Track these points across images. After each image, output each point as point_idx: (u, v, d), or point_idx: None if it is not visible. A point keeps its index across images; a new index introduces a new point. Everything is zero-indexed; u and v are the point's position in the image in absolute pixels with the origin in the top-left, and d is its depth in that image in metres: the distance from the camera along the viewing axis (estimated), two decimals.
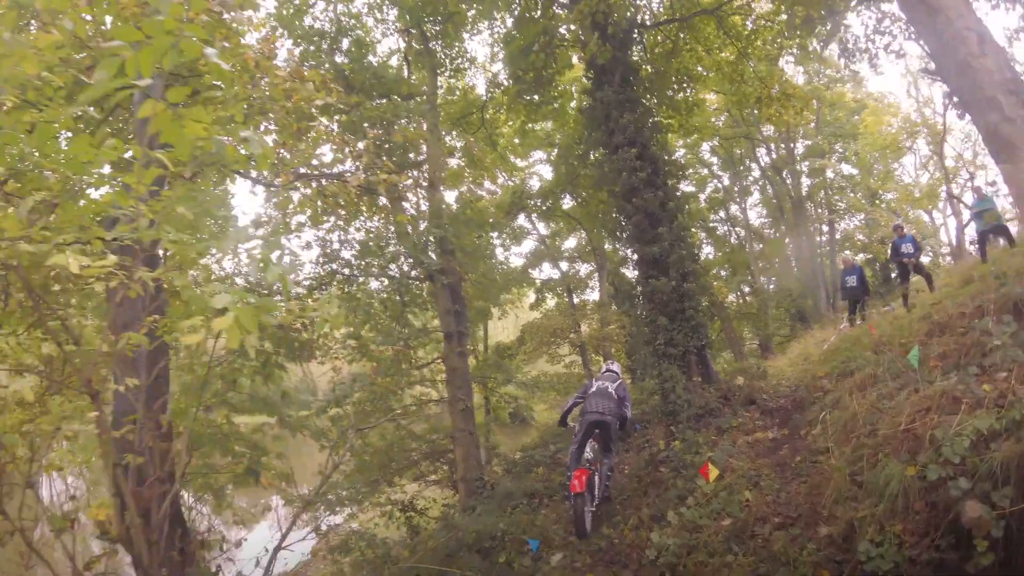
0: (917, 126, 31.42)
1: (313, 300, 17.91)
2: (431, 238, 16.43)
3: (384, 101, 16.54)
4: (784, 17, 17.37)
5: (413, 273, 17.96)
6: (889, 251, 17.06)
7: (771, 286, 36.18)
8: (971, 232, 21.03)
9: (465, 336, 17.64)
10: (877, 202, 33.16)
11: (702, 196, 37.32)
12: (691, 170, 35.57)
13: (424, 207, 18.75)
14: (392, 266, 17.62)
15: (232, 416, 21.28)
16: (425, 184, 18.42)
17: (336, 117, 15.05)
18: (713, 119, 32.91)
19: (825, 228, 34.61)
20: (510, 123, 24.41)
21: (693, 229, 34.55)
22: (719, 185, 38.05)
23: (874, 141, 32.15)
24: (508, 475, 16.12)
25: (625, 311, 15.64)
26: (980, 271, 12.15)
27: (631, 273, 15.01)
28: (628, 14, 16.49)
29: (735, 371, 14.49)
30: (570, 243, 33.28)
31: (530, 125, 25.37)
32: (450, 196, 25.41)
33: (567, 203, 28.68)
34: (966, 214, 22.89)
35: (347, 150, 10.21)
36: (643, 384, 16.46)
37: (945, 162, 31.17)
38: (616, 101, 14.24)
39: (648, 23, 17.84)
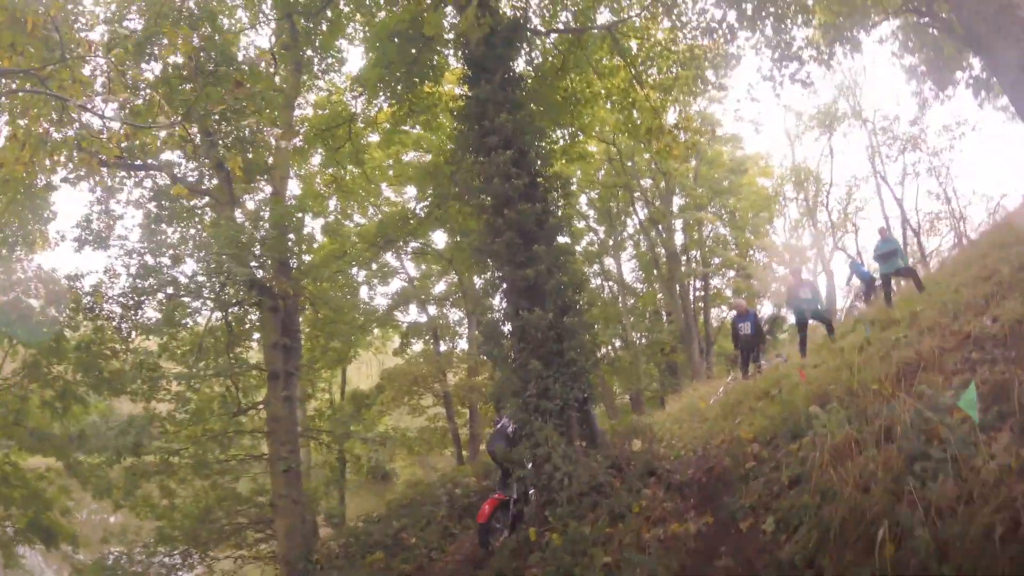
0: (803, 176, 30.42)
1: (129, 320, 13.85)
2: (258, 246, 12.41)
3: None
4: (682, 47, 15.38)
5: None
6: (786, 297, 14.65)
7: (642, 340, 33.87)
8: (856, 284, 19.24)
9: (295, 377, 13.60)
10: (750, 259, 31.73)
11: (578, 248, 34.92)
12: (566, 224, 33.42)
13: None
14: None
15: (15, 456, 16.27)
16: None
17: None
18: (593, 172, 31.23)
19: (699, 283, 32.91)
20: (378, 147, 20.92)
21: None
22: (595, 238, 35.80)
23: (756, 193, 31.04)
24: (341, 558, 12.24)
25: (489, 353, 12.10)
26: (908, 309, 10.23)
27: (500, 307, 11.37)
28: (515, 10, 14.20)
29: (626, 431, 11.05)
30: (441, 287, 29.55)
31: (404, 153, 22.15)
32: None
33: (440, 241, 25.32)
34: (847, 270, 21.45)
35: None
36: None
37: (831, 215, 30.29)
38: (494, 99, 11.35)
39: (539, 29, 15.14)
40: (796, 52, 13.13)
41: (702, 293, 33.14)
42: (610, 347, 34.09)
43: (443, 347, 27.51)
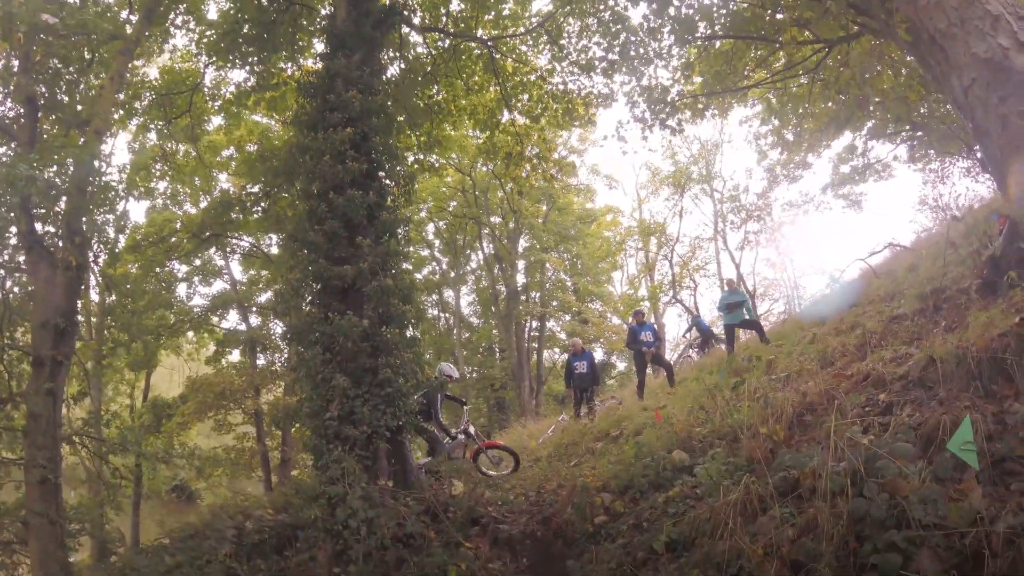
0: (649, 230, 30.60)
1: None
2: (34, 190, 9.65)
3: None
4: (559, 81, 14.35)
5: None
6: (627, 338, 13.81)
7: (474, 374, 32.47)
8: (693, 335, 18.81)
9: (63, 367, 10.69)
10: (587, 306, 31.37)
11: (418, 276, 33.31)
12: (412, 248, 31.78)
13: None
14: None
15: None
16: None
17: None
18: (444, 202, 30.22)
19: (535, 323, 32.21)
20: (221, 131, 18.15)
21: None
22: (437, 268, 34.27)
23: (602, 241, 30.89)
24: None
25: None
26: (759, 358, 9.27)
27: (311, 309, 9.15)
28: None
29: (447, 471, 9.12)
30: (268, 296, 26.10)
31: (248, 142, 19.38)
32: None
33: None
34: (686, 323, 21.41)
35: None
36: (303, 481, 10.27)
37: (673, 268, 30.42)
38: (347, 76, 9.67)
39: (416, 23, 13.61)
40: (671, 101, 12.32)
41: (537, 333, 32.43)
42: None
43: (261, 361, 24.12)
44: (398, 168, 11.06)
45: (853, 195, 21.19)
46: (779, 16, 10.13)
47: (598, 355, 31.47)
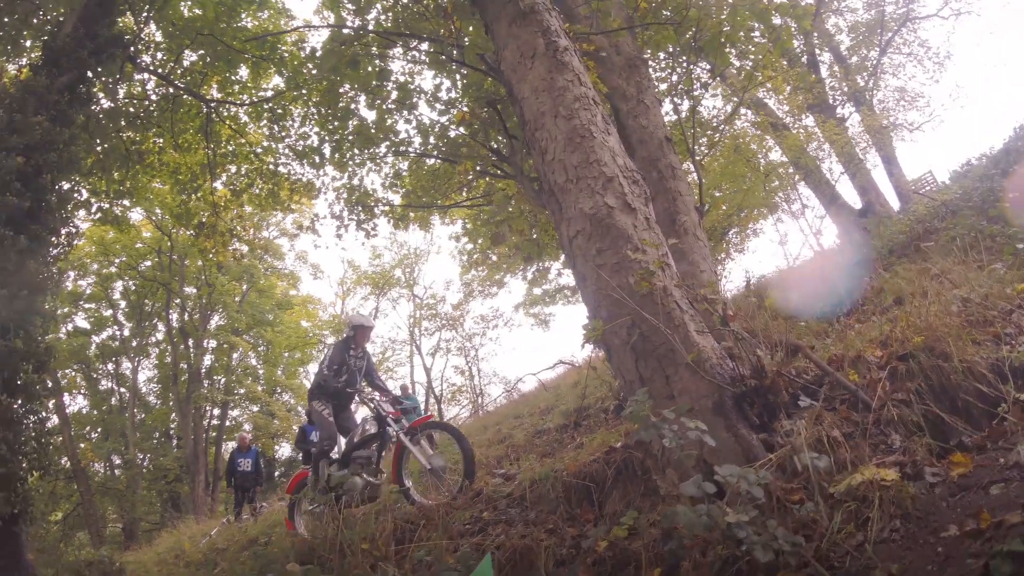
0: (343, 325, 30.00)
1: None
2: None
3: None
4: (272, 161, 14.23)
5: None
6: (296, 436, 13.33)
7: (146, 463, 28.24)
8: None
9: None
10: (276, 398, 29.44)
11: (95, 339, 29.30)
12: (94, 305, 28.72)
13: None
14: None
15: None
16: None
17: None
18: (137, 260, 27.22)
19: (217, 411, 29.24)
20: None
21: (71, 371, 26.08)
22: (117, 333, 29.83)
23: (296, 332, 29.66)
24: None
25: None
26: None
27: None
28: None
29: (74, 566, 7.71)
30: None
31: None
32: None
33: None
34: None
35: None
36: None
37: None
38: (44, 99, 8.81)
39: (143, 63, 12.64)
40: (371, 205, 12.43)
41: (218, 422, 29.28)
42: (107, 463, 28.23)
43: None
44: (69, 216, 9.72)
45: (543, 315, 23.40)
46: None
47: (286, 452, 29.52)
